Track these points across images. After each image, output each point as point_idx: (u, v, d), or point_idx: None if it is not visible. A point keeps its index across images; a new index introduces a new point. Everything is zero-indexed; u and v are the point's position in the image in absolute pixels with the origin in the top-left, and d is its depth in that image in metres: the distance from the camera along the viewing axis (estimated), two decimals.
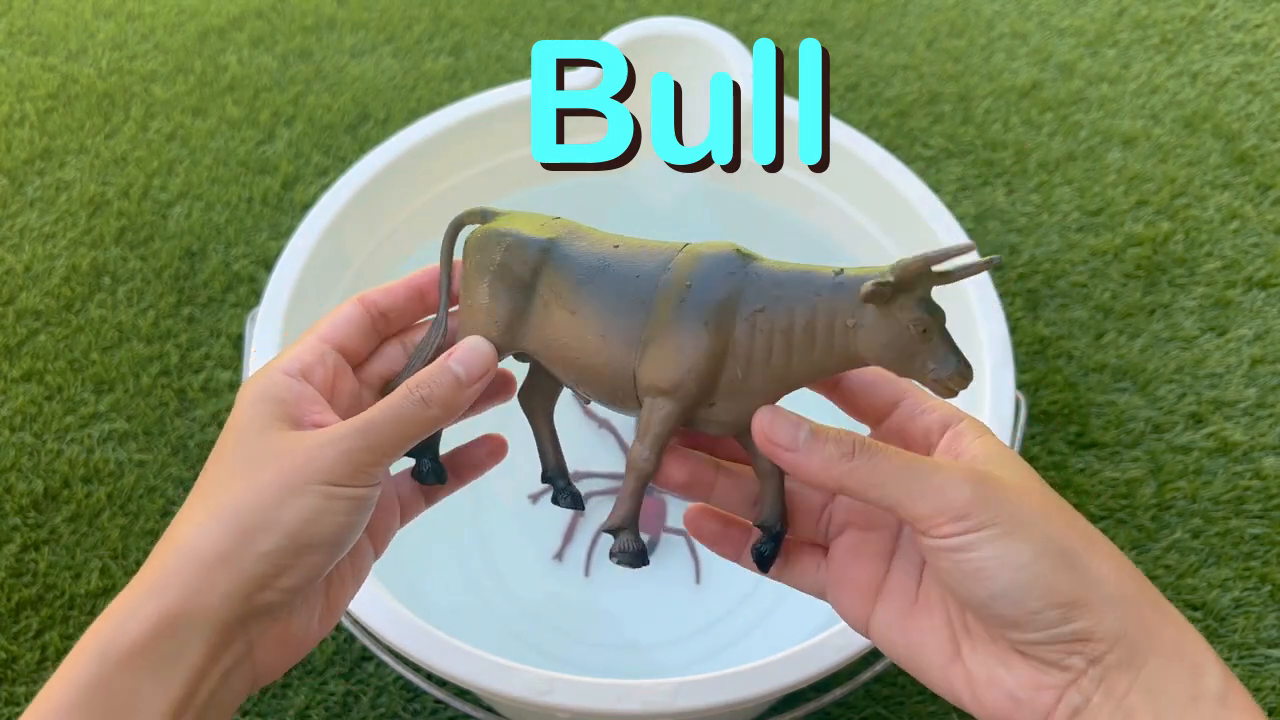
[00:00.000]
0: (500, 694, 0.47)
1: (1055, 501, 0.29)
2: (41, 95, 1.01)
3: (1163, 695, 0.26)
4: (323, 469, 0.30)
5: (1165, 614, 0.28)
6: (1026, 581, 0.27)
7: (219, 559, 0.29)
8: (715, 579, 0.72)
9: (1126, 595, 0.27)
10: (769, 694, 0.48)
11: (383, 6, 1.10)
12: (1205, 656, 0.27)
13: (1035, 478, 0.29)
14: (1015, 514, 0.27)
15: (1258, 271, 0.89)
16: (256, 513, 0.30)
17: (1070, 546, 0.27)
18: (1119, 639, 0.27)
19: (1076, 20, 1.09)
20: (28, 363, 0.82)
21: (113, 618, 0.29)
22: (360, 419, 0.31)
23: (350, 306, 0.35)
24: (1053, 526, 0.27)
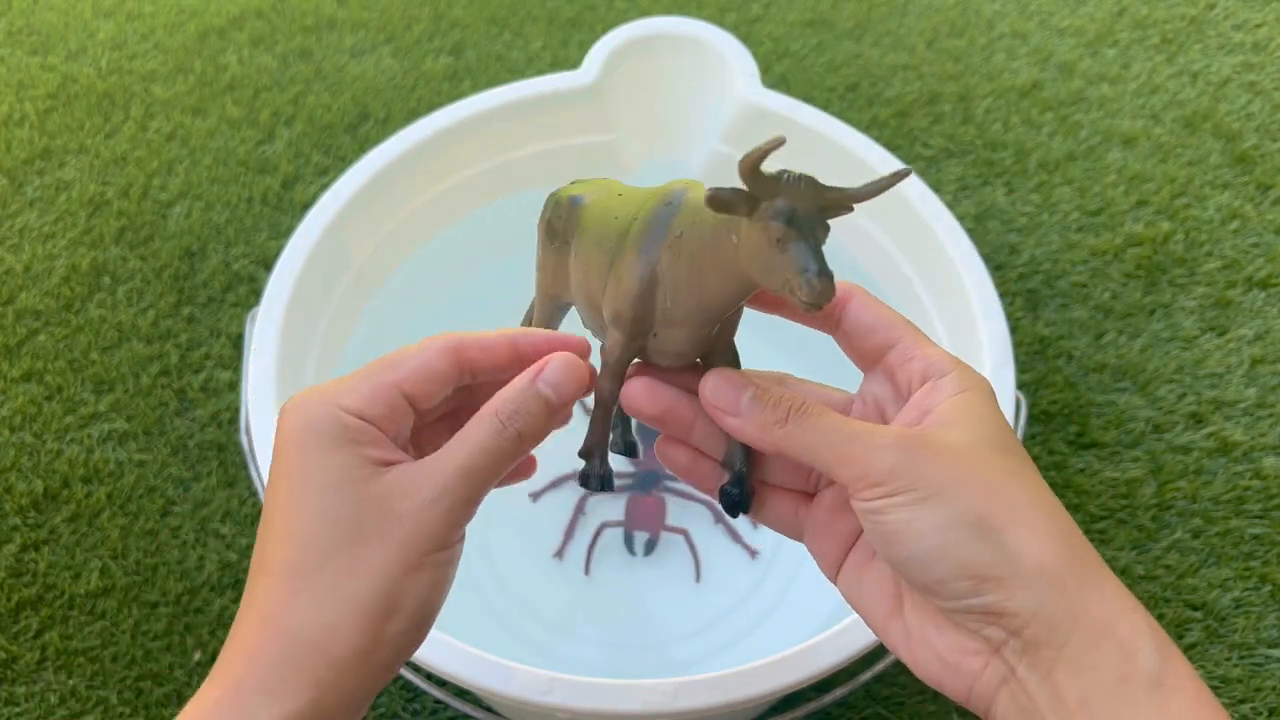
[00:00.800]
0: (500, 694, 0.47)
1: (992, 470, 0.27)
2: (41, 95, 1.01)
3: (1090, 673, 0.25)
4: (432, 534, 0.28)
5: (1095, 590, 0.26)
6: (935, 549, 0.27)
7: (349, 659, 0.27)
8: (715, 579, 0.72)
9: (1047, 572, 0.26)
10: (769, 694, 0.48)
11: (383, 6, 1.10)
12: (1140, 635, 0.25)
13: (993, 444, 0.28)
14: (933, 482, 0.27)
15: (1258, 271, 0.89)
16: (379, 599, 0.27)
17: (988, 517, 0.26)
18: (1034, 615, 0.26)
19: (1076, 20, 1.09)
20: (28, 363, 0.82)
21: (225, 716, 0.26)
22: (454, 465, 0.29)
23: (444, 362, 0.30)
24: (972, 496, 0.27)
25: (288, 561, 0.28)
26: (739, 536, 0.73)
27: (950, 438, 0.28)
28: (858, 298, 0.32)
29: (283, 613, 0.27)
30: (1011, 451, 0.28)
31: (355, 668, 0.27)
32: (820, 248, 0.27)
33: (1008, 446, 0.28)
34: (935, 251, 0.63)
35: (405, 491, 0.28)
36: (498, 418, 0.29)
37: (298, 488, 0.28)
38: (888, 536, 0.28)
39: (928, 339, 0.31)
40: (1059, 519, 0.27)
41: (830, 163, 0.68)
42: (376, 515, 0.28)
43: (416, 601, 0.28)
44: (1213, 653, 0.70)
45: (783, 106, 0.68)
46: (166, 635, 0.70)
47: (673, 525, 0.73)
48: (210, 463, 0.78)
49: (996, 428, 0.29)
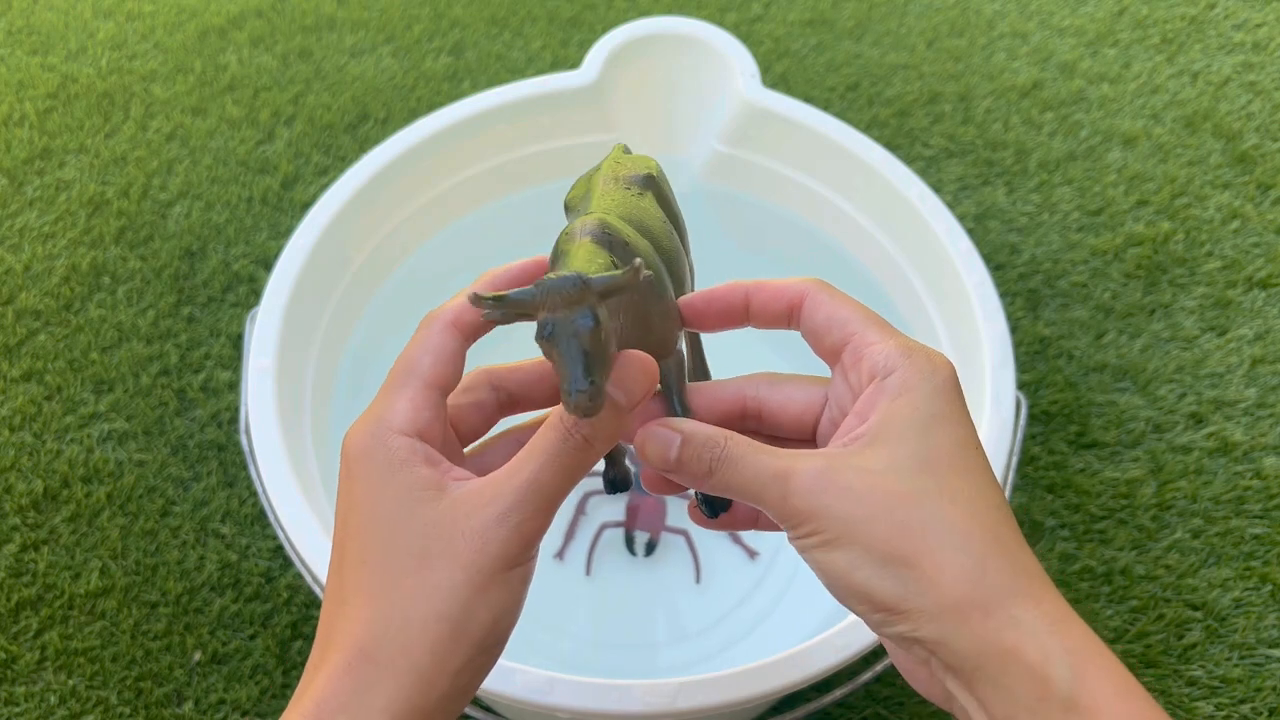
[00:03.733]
0: (500, 694, 0.47)
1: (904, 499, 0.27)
2: (41, 95, 1.01)
3: (1007, 695, 0.26)
4: (501, 553, 0.27)
5: (1004, 616, 0.26)
6: (845, 587, 0.28)
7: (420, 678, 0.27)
8: (715, 579, 0.72)
9: (951, 604, 0.26)
10: (769, 694, 0.48)
11: (383, 6, 1.10)
12: (1050, 659, 0.26)
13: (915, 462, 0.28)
14: (841, 523, 0.27)
15: (1258, 271, 0.89)
16: (447, 621, 0.27)
17: (894, 554, 0.27)
18: (941, 644, 0.27)
19: (1077, 20, 1.09)
20: (27, 363, 0.82)
21: None
22: (520, 479, 0.28)
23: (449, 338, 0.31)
24: (879, 535, 0.27)
25: (359, 589, 0.28)
26: (739, 537, 0.73)
27: (868, 463, 0.28)
28: (810, 297, 0.31)
29: (357, 638, 0.27)
30: (935, 467, 0.28)
31: (429, 690, 0.27)
32: (582, 353, 0.26)
33: (932, 461, 0.28)
34: (935, 251, 0.63)
35: (469, 510, 0.28)
36: (562, 424, 0.28)
37: (363, 519, 0.28)
38: (816, 572, 0.29)
39: (882, 330, 0.30)
40: (973, 544, 0.27)
41: (830, 163, 0.68)
42: (441, 536, 0.28)
43: (488, 621, 0.28)
44: (1213, 653, 0.70)
45: (783, 106, 0.68)
46: (166, 635, 0.70)
47: (673, 526, 0.73)
48: (210, 463, 0.78)
49: (924, 439, 0.28)
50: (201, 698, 0.68)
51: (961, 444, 0.28)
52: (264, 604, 0.72)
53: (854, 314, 0.30)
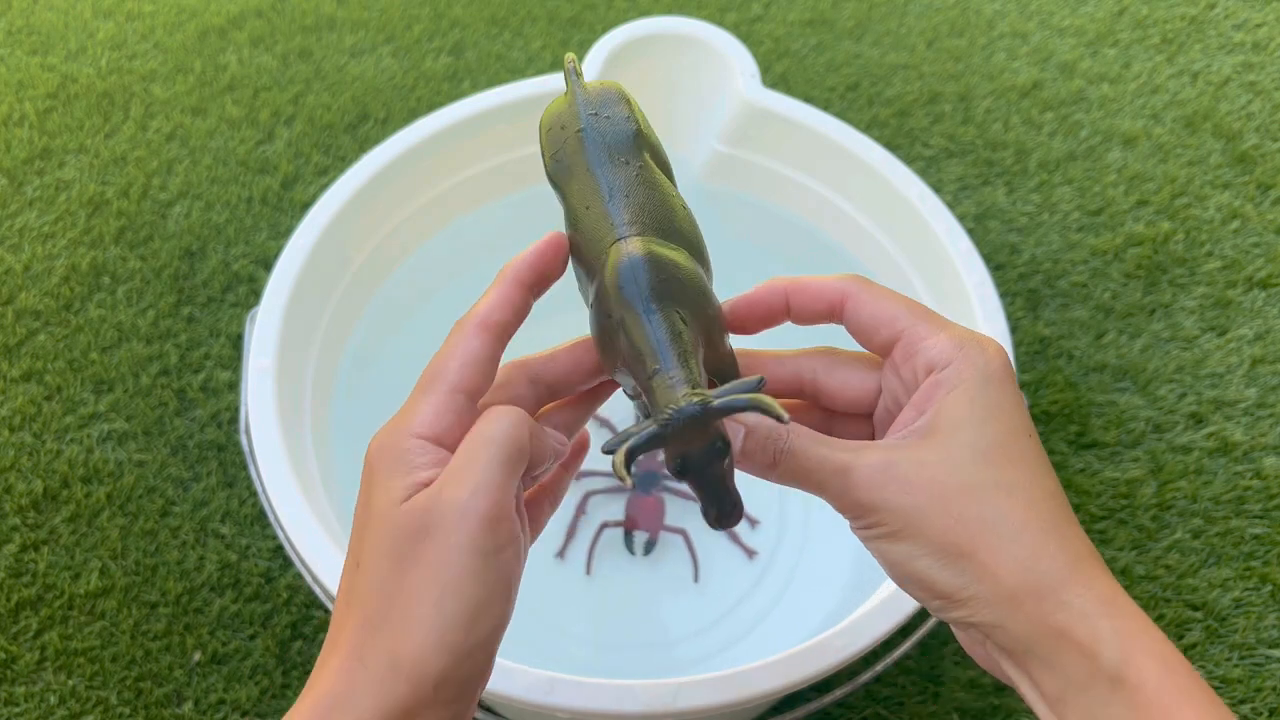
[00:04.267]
0: (501, 694, 0.47)
1: (961, 492, 0.28)
2: (41, 95, 1.01)
3: (1058, 673, 0.28)
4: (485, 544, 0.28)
5: (1053, 602, 0.28)
6: (906, 576, 0.29)
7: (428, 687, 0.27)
8: (715, 579, 0.72)
9: (1006, 593, 0.28)
10: (769, 694, 0.48)
11: (383, 6, 1.10)
12: (1098, 638, 0.27)
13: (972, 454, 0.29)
14: (900, 516, 0.29)
15: (1258, 271, 0.89)
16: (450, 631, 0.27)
17: (952, 546, 0.28)
18: (997, 629, 0.28)
19: (1077, 20, 1.09)
20: (27, 363, 0.82)
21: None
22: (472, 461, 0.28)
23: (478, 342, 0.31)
24: (937, 527, 0.28)
25: (361, 589, 0.28)
26: (737, 537, 0.73)
27: (926, 456, 0.29)
28: (852, 298, 0.32)
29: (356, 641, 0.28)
30: (990, 459, 0.29)
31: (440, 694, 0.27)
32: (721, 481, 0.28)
33: (988, 452, 0.29)
34: (935, 251, 0.63)
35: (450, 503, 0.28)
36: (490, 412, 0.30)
37: (370, 520, 0.29)
38: (875, 557, 0.30)
39: (932, 322, 0.31)
40: (1027, 534, 0.28)
41: (830, 163, 0.68)
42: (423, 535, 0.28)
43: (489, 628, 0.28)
44: (1213, 653, 0.70)
45: (783, 106, 0.68)
46: (166, 635, 0.70)
47: (672, 525, 0.73)
48: (210, 463, 0.78)
49: (980, 430, 0.29)
50: (201, 698, 0.68)
51: (1016, 432, 0.29)
52: (264, 604, 0.72)
53: (901, 309, 0.31)
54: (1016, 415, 0.29)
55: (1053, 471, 0.30)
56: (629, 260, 0.29)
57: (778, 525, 0.74)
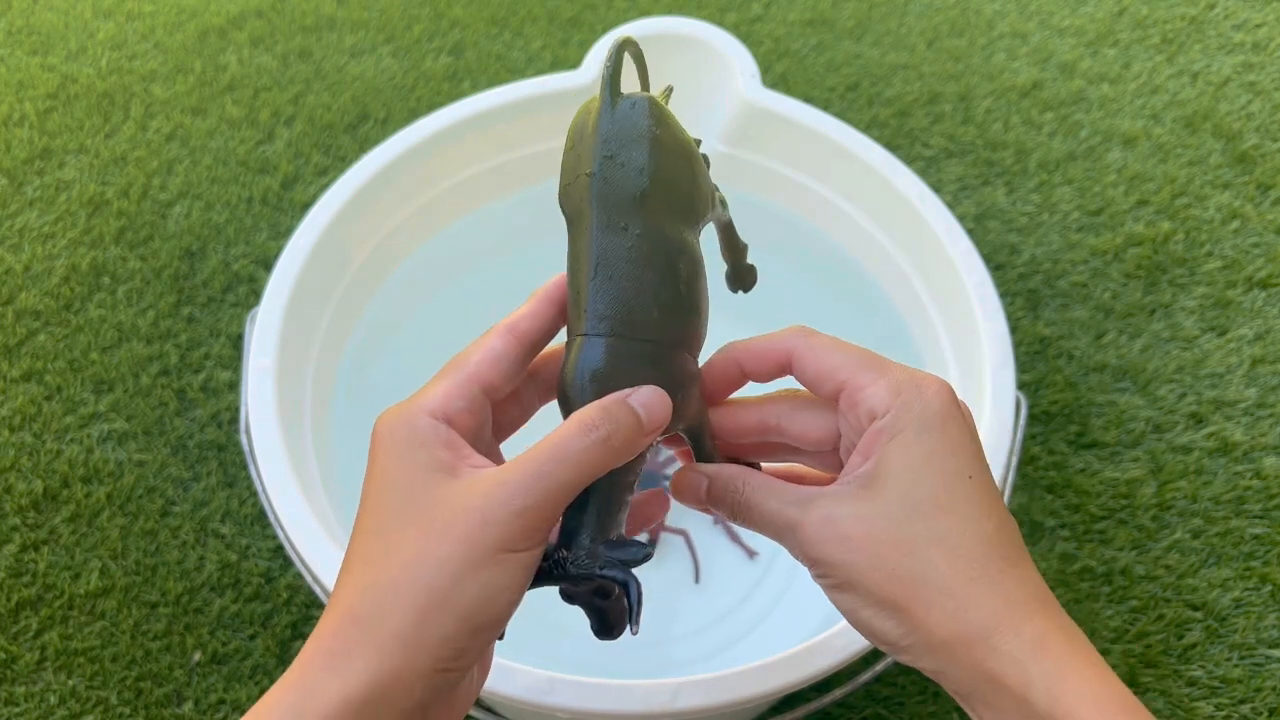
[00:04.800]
0: (501, 694, 0.47)
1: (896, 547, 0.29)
2: (41, 95, 1.01)
3: (1000, 714, 0.29)
4: (499, 535, 0.28)
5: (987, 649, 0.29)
6: (856, 623, 0.31)
7: (400, 644, 0.27)
8: (715, 579, 0.72)
9: (940, 643, 0.29)
10: (769, 694, 0.48)
11: (383, 6, 1.10)
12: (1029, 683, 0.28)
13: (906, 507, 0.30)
14: (843, 570, 0.30)
15: (1258, 271, 0.89)
16: (434, 593, 0.27)
17: (890, 599, 0.29)
18: (939, 674, 0.30)
19: (1077, 20, 1.09)
20: (27, 363, 0.82)
21: (290, 695, 0.27)
22: (529, 467, 0.29)
23: (501, 341, 0.32)
24: (875, 582, 0.29)
25: (361, 557, 0.29)
26: (738, 537, 0.73)
27: (864, 510, 0.30)
28: (797, 354, 0.32)
29: (345, 597, 0.28)
30: (923, 510, 0.30)
31: (408, 658, 0.27)
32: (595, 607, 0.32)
33: (921, 503, 0.30)
34: (935, 251, 0.63)
35: (477, 492, 0.28)
36: (580, 420, 0.29)
37: (375, 489, 0.29)
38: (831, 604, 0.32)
39: (871, 369, 0.31)
40: (956, 586, 0.29)
41: (830, 163, 0.68)
42: (444, 513, 0.28)
43: (474, 599, 0.28)
44: (1213, 653, 0.70)
45: (783, 106, 0.68)
46: (166, 635, 0.70)
47: (672, 526, 0.73)
48: (210, 463, 0.78)
49: (915, 480, 0.30)
50: (201, 698, 0.68)
51: (952, 477, 0.30)
52: (264, 604, 0.72)
53: (840, 359, 0.32)
54: (954, 459, 0.30)
55: (997, 511, 0.30)
56: (580, 371, 0.31)
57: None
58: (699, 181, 0.33)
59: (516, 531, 0.28)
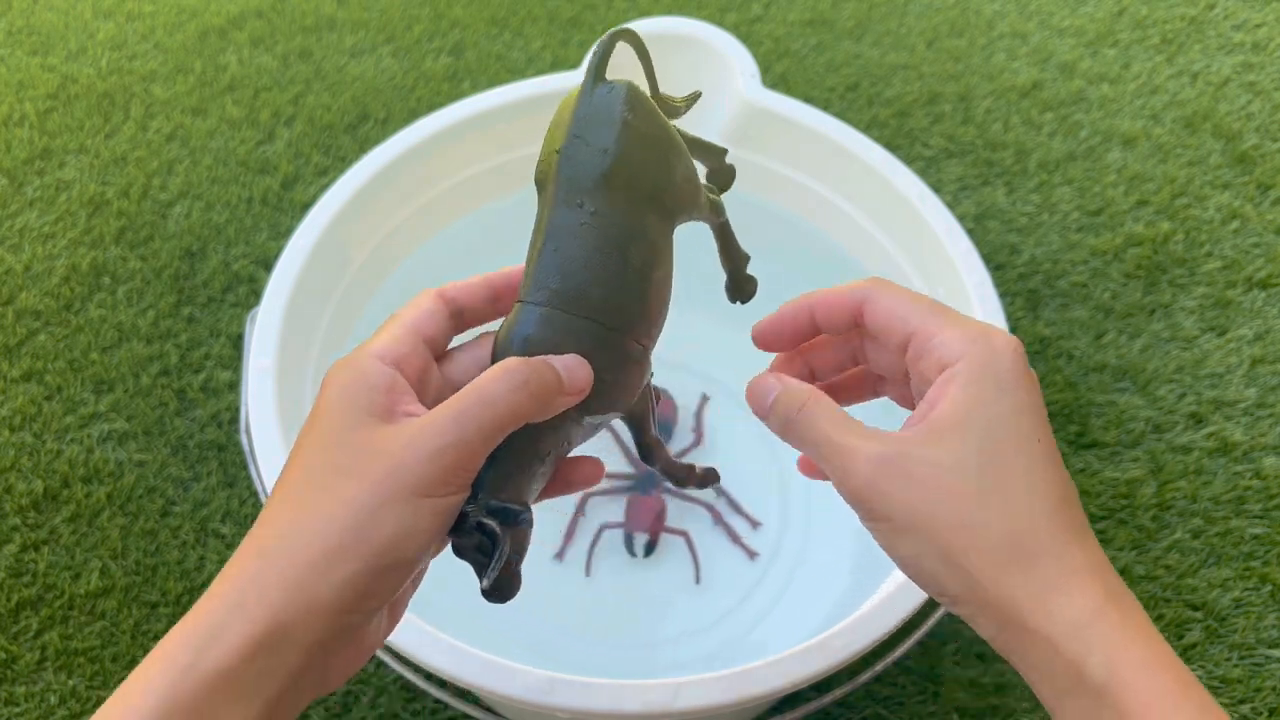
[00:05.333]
0: (501, 694, 0.47)
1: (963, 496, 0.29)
2: (41, 95, 1.01)
3: (1049, 680, 0.29)
4: (413, 477, 0.28)
5: (1046, 609, 0.28)
6: (916, 573, 0.30)
7: (303, 583, 0.27)
8: (715, 579, 0.72)
9: (999, 599, 0.28)
10: (769, 694, 0.48)
11: (383, 6, 1.10)
12: (1088, 649, 0.28)
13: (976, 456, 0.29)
14: (903, 514, 0.29)
15: (1258, 271, 0.89)
16: (340, 534, 0.27)
17: (952, 548, 0.29)
18: (995, 635, 0.29)
19: (1076, 20, 1.09)
20: (28, 363, 0.82)
21: (196, 631, 0.27)
22: (450, 409, 0.29)
23: (430, 300, 0.33)
24: (938, 529, 0.29)
25: (281, 498, 0.29)
26: (738, 538, 0.73)
27: (935, 456, 0.29)
28: (869, 303, 0.32)
29: (257, 535, 0.28)
30: (989, 465, 0.29)
31: (309, 595, 0.27)
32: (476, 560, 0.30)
33: (988, 458, 0.29)
34: (935, 251, 0.63)
35: (402, 434, 0.29)
36: (504, 366, 0.30)
37: (308, 434, 0.30)
38: (884, 551, 0.31)
39: (943, 318, 0.31)
40: (1023, 545, 0.29)
41: (830, 163, 0.68)
42: (363, 455, 0.28)
43: (381, 541, 0.28)
44: (1213, 653, 0.70)
45: (783, 106, 0.68)
46: None
47: (673, 527, 0.73)
48: (210, 463, 0.78)
49: (983, 434, 0.29)
50: None
51: (1024, 438, 0.30)
52: None
53: (913, 308, 0.31)
54: (1026, 420, 0.30)
55: (1060, 475, 0.30)
56: (512, 334, 0.31)
57: (778, 526, 0.74)
58: (673, 174, 0.33)
59: (432, 474, 0.28)
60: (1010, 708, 0.68)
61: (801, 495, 0.74)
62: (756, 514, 0.74)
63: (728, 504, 0.75)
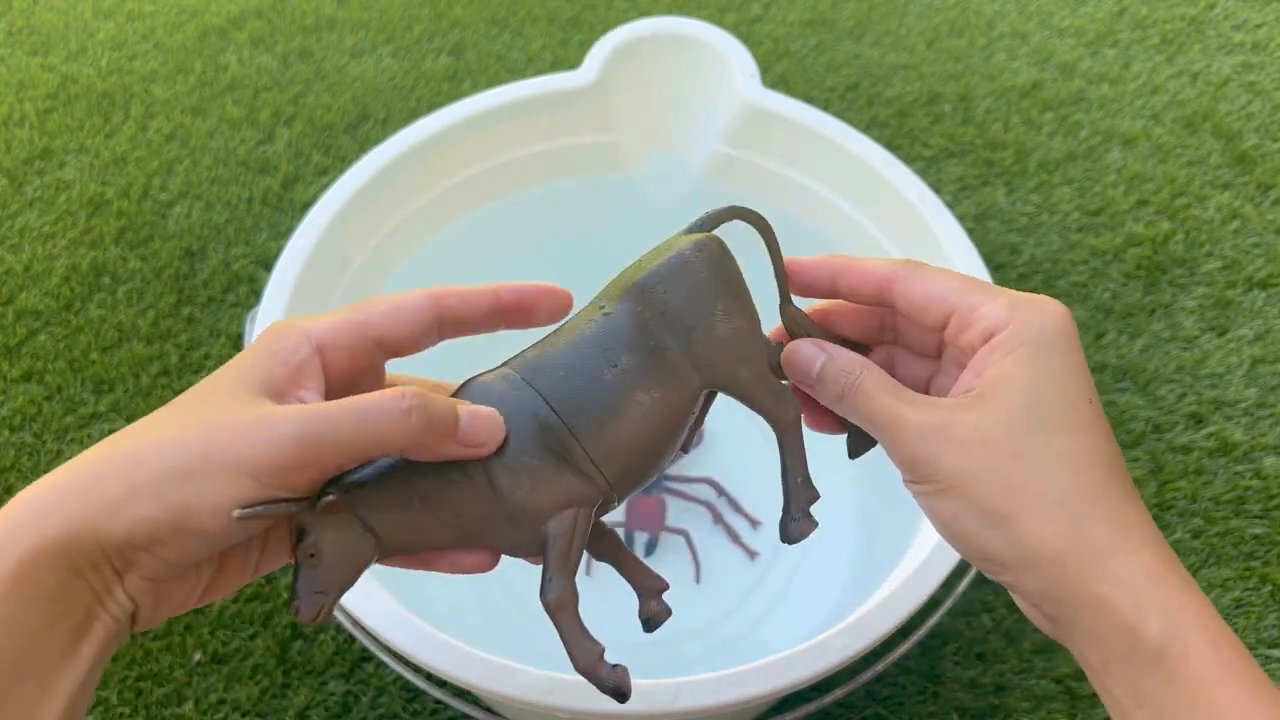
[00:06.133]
0: (501, 695, 0.47)
1: (1009, 457, 0.28)
2: (41, 95, 1.01)
3: (1102, 644, 0.28)
4: (240, 453, 0.26)
5: (1099, 571, 0.28)
6: (954, 535, 0.30)
7: (100, 505, 0.26)
8: (715, 579, 0.72)
9: (1049, 557, 0.28)
10: (769, 694, 0.48)
11: (383, 6, 1.10)
12: (1145, 610, 0.27)
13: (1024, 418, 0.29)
14: (950, 475, 0.29)
15: (1258, 271, 0.89)
16: (153, 474, 0.26)
17: (998, 509, 0.28)
18: (1042, 596, 0.28)
19: (1076, 20, 1.09)
20: (28, 363, 0.82)
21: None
22: (322, 407, 0.27)
23: (415, 300, 0.31)
24: (984, 489, 0.28)
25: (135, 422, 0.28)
26: (738, 538, 0.73)
27: (981, 419, 0.29)
28: (901, 280, 0.32)
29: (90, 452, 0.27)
30: (1043, 425, 0.29)
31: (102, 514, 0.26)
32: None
33: (1042, 418, 0.29)
34: (935, 252, 0.63)
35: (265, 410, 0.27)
36: (400, 389, 0.28)
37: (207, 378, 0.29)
38: (927, 516, 0.31)
39: (985, 291, 0.31)
40: (1072, 502, 0.28)
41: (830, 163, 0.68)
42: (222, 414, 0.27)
43: (181, 501, 0.26)
44: None
45: (783, 106, 0.68)
46: (166, 635, 0.70)
47: (673, 526, 0.73)
48: None
49: (1036, 395, 0.29)
50: (201, 698, 0.68)
51: (1074, 400, 0.29)
52: (264, 604, 0.72)
53: (953, 285, 0.31)
54: (1074, 381, 0.29)
55: (1111, 439, 0.30)
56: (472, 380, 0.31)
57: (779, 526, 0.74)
58: (713, 322, 0.31)
59: (259, 459, 0.26)
60: (1010, 708, 0.68)
61: None
62: (756, 513, 0.74)
63: (728, 503, 0.74)
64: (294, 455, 0.26)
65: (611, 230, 0.76)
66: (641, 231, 0.69)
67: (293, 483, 0.27)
